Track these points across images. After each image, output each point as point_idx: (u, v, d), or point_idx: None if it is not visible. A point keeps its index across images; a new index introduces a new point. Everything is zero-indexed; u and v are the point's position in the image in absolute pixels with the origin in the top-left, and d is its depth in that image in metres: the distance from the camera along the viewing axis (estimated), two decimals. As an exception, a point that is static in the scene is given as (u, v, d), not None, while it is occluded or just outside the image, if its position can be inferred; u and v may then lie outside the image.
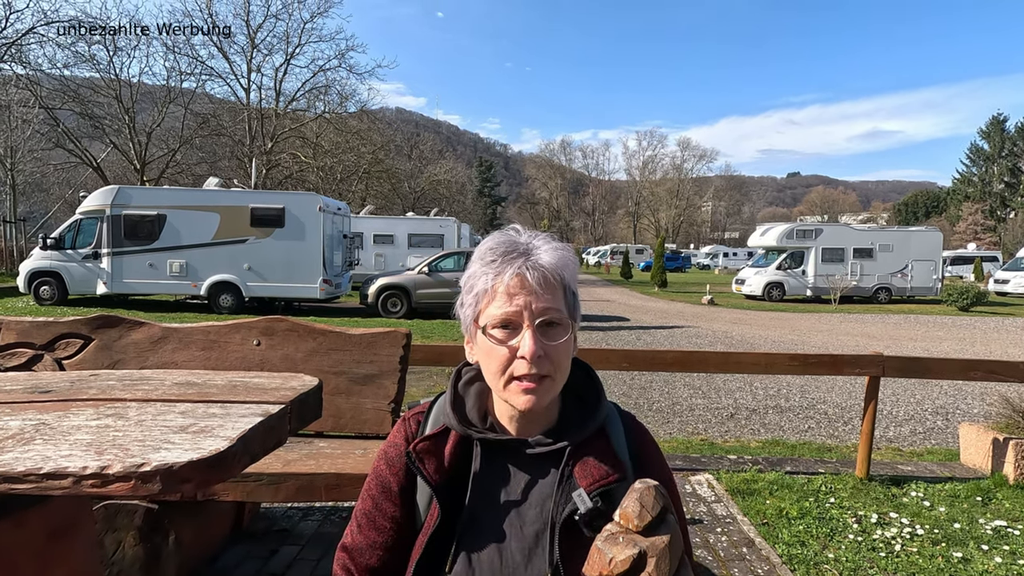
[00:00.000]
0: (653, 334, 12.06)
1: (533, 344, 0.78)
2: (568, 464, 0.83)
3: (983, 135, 64.24)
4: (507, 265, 0.80)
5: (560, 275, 0.82)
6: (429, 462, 0.84)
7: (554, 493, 0.82)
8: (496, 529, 0.82)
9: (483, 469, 0.85)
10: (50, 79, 22.78)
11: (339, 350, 2.53)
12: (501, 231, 0.86)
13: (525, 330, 0.78)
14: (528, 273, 0.79)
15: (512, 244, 0.83)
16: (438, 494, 0.82)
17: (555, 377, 0.81)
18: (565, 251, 0.84)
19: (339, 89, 30.52)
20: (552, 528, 0.79)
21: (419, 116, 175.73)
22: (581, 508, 0.77)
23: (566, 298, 0.83)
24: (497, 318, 0.79)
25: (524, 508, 0.83)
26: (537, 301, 0.79)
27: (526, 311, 0.78)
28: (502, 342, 0.79)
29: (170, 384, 1.37)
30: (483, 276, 0.81)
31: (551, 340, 0.80)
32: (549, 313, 0.79)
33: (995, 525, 3.22)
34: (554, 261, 0.82)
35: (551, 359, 0.79)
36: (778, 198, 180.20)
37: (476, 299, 0.82)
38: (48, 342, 2.45)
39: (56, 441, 0.96)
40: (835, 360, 4.01)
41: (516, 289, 0.79)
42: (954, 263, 34.36)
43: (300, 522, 2.96)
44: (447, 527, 0.82)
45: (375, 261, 19.47)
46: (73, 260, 13.34)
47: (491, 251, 0.82)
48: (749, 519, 3.24)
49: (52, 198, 30.64)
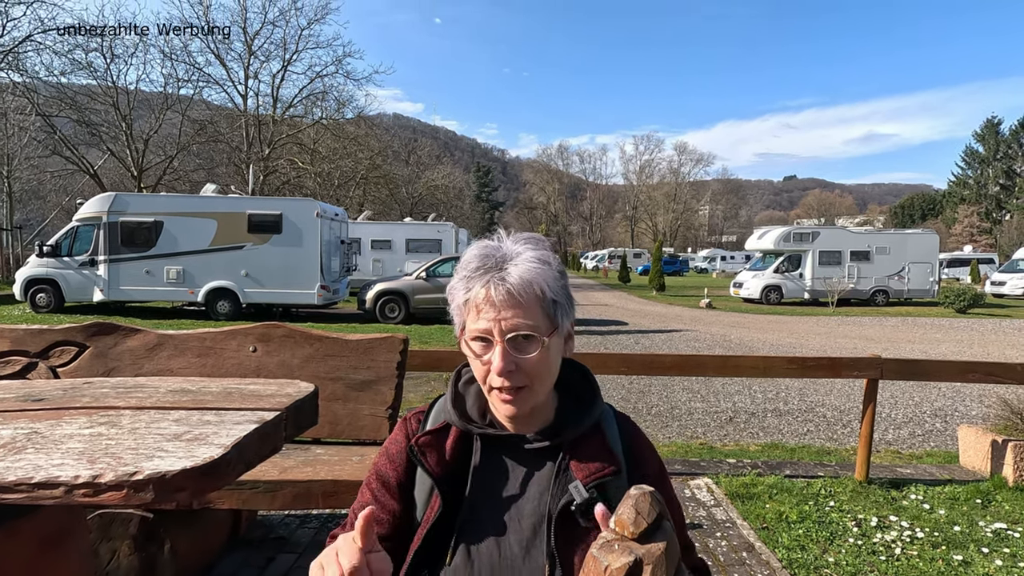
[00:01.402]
0: (651, 338, 12.05)
1: (501, 361, 0.79)
2: (564, 458, 0.85)
3: (978, 138, 64.55)
4: (476, 281, 0.81)
5: (530, 289, 0.81)
6: (431, 455, 0.86)
7: (551, 486, 0.84)
8: (495, 522, 0.84)
9: (483, 463, 0.87)
10: (47, 86, 22.79)
11: (336, 356, 2.52)
12: (481, 241, 0.87)
13: (496, 345, 0.80)
14: (493, 290, 0.80)
15: (485, 258, 0.82)
16: (439, 486, 0.84)
17: (533, 386, 0.82)
18: (541, 261, 0.82)
19: (336, 95, 30.62)
20: (549, 520, 0.81)
21: (416, 122, 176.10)
22: (577, 499, 0.79)
23: (543, 308, 0.82)
24: (473, 332, 0.82)
25: (522, 501, 0.85)
26: (505, 318, 0.79)
27: (495, 327, 0.80)
28: (478, 356, 0.82)
29: (164, 391, 1.36)
30: (461, 289, 0.82)
31: (523, 353, 0.80)
32: (518, 328, 0.80)
33: (995, 527, 3.22)
34: (525, 275, 0.80)
35: (524, 371, 0.81)
36: (775, 201, 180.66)
37: (458, 310, 0.84)
38: (43, 350, 2.44)
39: (48, 450, 0.95)
40: (833, 363, 4.01)
41: (484, 305, 0.80)
42: (951, 265, 34.46)
43: (297, 529, 2.94)
44: (447, 520, 0.84)
45: (373, 267, 19.45)
46: (69, 267, 13.30)
47: (465, 265, 0.83)
48: (749, 523, 3.23)
49: (49, 205, 30.59)
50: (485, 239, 0.87)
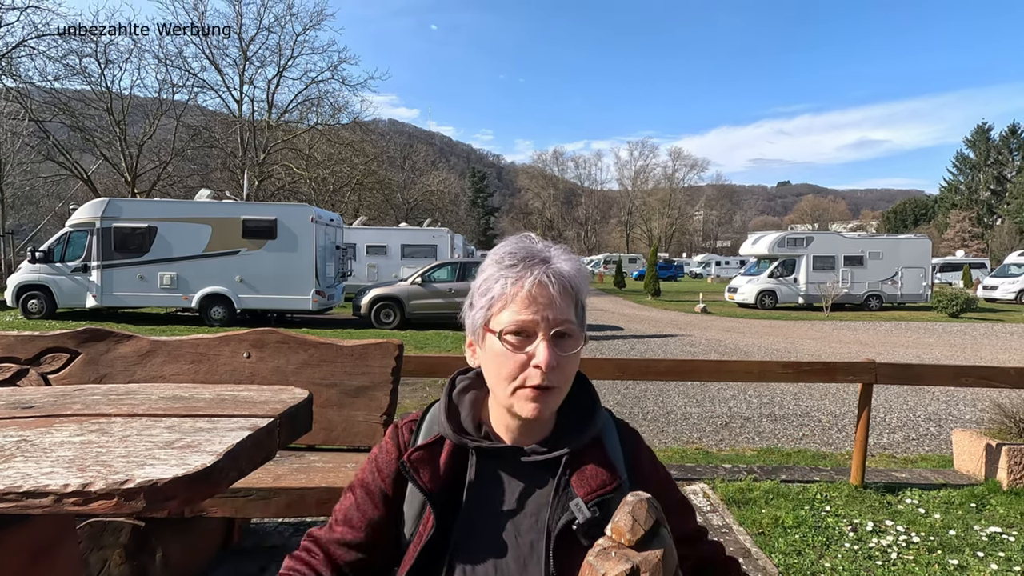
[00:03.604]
0: (647, 343, 12.06)
1: (548, 355, 0.76)
2: (565, 473, 0.82)
3: (969, 144, 65.19)
4: (527, 271, 0.79)
5: (577, 286, 0.81)
6: (424, 471, 0.83)
7: (550, 502, 0.81)
8: (492, 539, 0.81)
9: (478, 478, 0.84)
10: (40, 91, 22.70)
11: (330, 362, 2.50)
12: (518, 236, 0.85)
13: (540, 340, 0.77)
14: (549, 281, 0.78)
15: (531, 250, 0.82)
16: (433, 503, 0.81)
17: (562, 388, 0.81)
18: (580, 263, 0.84)
19: (332, 101, 30.64)
20: (548, 537, 0.78)
21: (412, 127, 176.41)
22: (579, 518, 0.77)
23: (577, 310, 0.82)
24: (513, 324, 0.78)
25: (520, 517, 0.82)
26: (555, 311, 0.78)
27: (543, 321, 0.77)
28: (517, 348, 0.78)
29: (157, 398, 1.35)
30: (501, 280, 0.79)
31: (564, 351, 0.79)
32: (565, 325, 0.78)
33: (990, 532, 3.22)
34: (572, 271, 0.81)
35: (562, 370, 0.79)
36: (769, 207, 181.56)
37: (490, 302, 0.80)
38: (33, 356, 2.41)
39: (37, 458, 0.94)
40: (828, 368, 4.02)
41: (535, 297, 0.78)
42: (943, 270, 34.70)
43: (291, 537, 2.91)
44: (441, 537, 0.81)
45: (368, 272, 19.43)
46: (62, 273, 13.21)
47: (511, 255, 0.81)
48: (745, 529, 3.22)
49: (41, 211, 30.41)
50: (516, 237, 0.86)
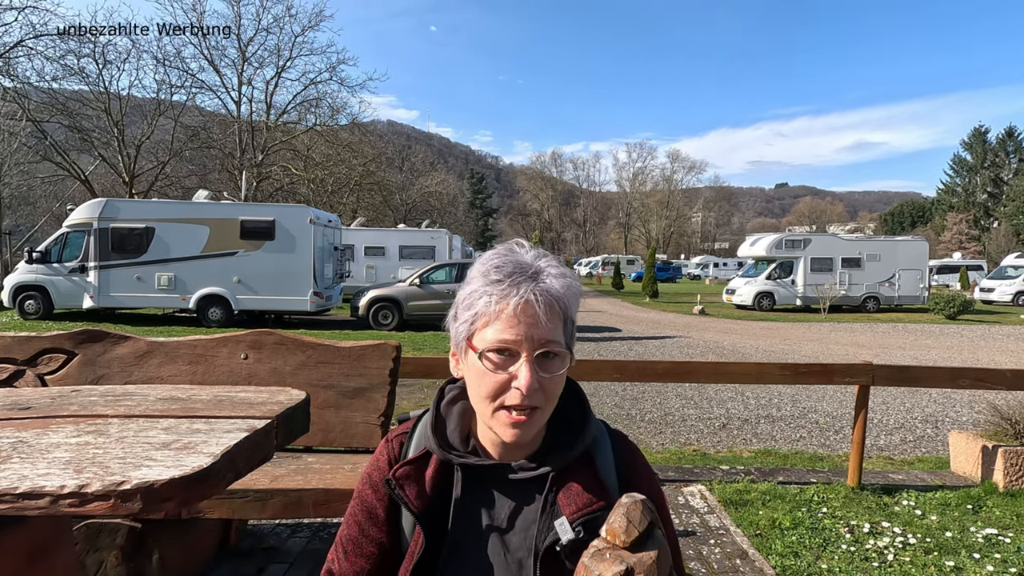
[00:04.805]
0: (645, 344, 12.07)
1: (530, 376, 0.73)
2: (552, 491, 0.79)
3: (966, 146, 65.36)
4: (513, 288, 0.75)
5: (565, 303, 0.78)
6: (410, 488, 0.80)
7: (538, 520, 0.79)
8: (480, 556, 0.79)
9: (465, 495, 0.81)
10: (38, 92, 22.64)
11: (328, 363, 2.50)
12: (506, 246, 0.82)
13: (523, 361, 0.74)
14: (536, 300, 0.75)
15: (519, 265, 0.77)
16: (421, 521, 0.79)
17: (545, 408, 0.78)
18: (572, 278, 0.79)
19: (330, 102, 30.61)
20: (536, 556, 0.77)
21: (411, 129, 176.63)
22: (563, 538, 0.75)
23: (566, 328, 0.78)
24: (495, 343, 0.75)
25: (509, 535, 0.80)
26: (540, 331, 0.74)
27: (527, 340, 0.74)
28: (500, 367, 0.75)
29: (154, 399, 1.35)
30: (485, 296, 0.75)
31: (547, 372, 0.76)
32: (550, 345, 0.75)
33: (986, 533, 3.23)
34: (561, 288, 0.77)
35: (545, 391, 0.76)
36: (767, 208, 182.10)
37: (473, 318, 0.77)
38: (30, 357, 2.41)
39: (34, 459, 0.94)
40: (825, 369, 4.03)
41: (520, 316, 0.74)
42: (940, 272, 34.77)
43: (288, 539, 2.91)
44: (431, 556, 0.79)
45: (366, 273, 19.41)
46: (59, 274, 13.18)
47: (497, 269, 0.77)
48: (742, 530, 3.22)
49: (39, 211, 30.31)
50: (504, 247, 0.82)
